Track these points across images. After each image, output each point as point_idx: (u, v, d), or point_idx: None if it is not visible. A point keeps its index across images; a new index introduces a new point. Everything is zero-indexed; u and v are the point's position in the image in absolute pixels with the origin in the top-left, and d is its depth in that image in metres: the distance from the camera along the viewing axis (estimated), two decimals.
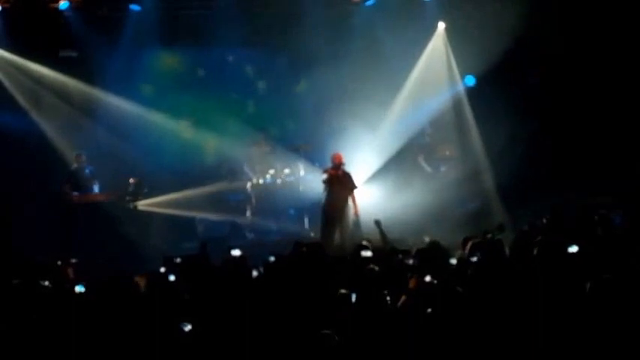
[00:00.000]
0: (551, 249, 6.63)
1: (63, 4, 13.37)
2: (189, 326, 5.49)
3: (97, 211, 12.81)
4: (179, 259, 8.02)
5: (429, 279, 6.05)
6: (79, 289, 6.66)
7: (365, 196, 13.00)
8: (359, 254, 7.59)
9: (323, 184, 12.00)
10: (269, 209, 14.05)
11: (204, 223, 13.63)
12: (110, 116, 13.97)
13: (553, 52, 13.47)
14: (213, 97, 14.66)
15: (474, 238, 7.93)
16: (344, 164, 12.03)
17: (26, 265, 7.95)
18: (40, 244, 11.07)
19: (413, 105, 14.48)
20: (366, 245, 8.16)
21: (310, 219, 13.61)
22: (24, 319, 5.76)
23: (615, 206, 9.94)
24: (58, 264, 8.32)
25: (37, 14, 13.35)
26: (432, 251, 7.58)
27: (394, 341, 5.27)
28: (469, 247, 7.58)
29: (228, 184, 14.07)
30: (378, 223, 9.96)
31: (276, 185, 14.27)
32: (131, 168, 13.58)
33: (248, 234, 13.78)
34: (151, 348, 5.32)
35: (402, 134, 14.28)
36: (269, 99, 15.34)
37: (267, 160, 14.40)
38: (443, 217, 12.57)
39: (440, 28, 14.44)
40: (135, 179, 13.39)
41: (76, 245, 11.89)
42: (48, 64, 13.71)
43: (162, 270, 7.60)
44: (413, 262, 7.44)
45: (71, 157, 13.36)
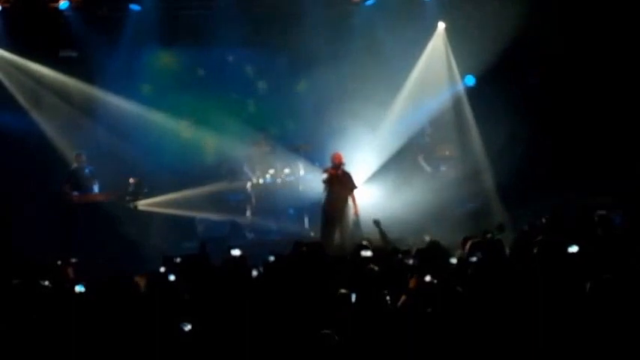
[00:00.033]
0: (551, 249, 6.63)
1: (63, 4, 13.37)
2: (189, 326, 5.49)
3: (97, 211, 12.81)
4: (179, 258, 8.00)
5: (429, 279, 6.04)
6: (79, 289, 6.65)
7: (365, 196, 12.99)
8: (359, 254, 7.58)
9: (323, 183, 12.00)
10: (269, 209, 14.05)
11: (204, 222, 13.63)
12: (110, 116, 13.97)
13: (553, 52, 13.47)
14: (213, 96, 14.67)
15: (473, 237, 7.94)
16: (344, 164, 12.03)
17: (26, 265, 7.94)
18: (40, 244, 11.06)
19: (413, 105, 14.48)
20: (366, 245, 8.14)
21: (310, 219, 13.61)
22: (24, 319, 5.76)
23: (615, 206, 9.93)
24: (58, 264, 8.31)
25: (37, 14, 13.36)
26: (432, 251, 7.57)
27: (394, 341, 5.27)
28: (468, 246, 7.58)
29: (228, 183, 14.07)
30: (377, 222, 9.97)
31: (276, 185, 14.26)
32: (131, 168, 13.58)
33: (248, 234, 13.77)
34: (151, 348, 5.32)
35: (402, 134, 14.29)
36: (269, 99, 15.33)
37: (267, 160, 14.39)
38: (443, 216, 12.56)
39: (440, 28, 14.44)
40: (135, 179, 13.39)
41: (76, 245, 11.89)
42: (48, 63, 13.70)
43: (162, 270, 7.59)
44: (413, 261, 7.44)
45: (71, 157, 13.35)
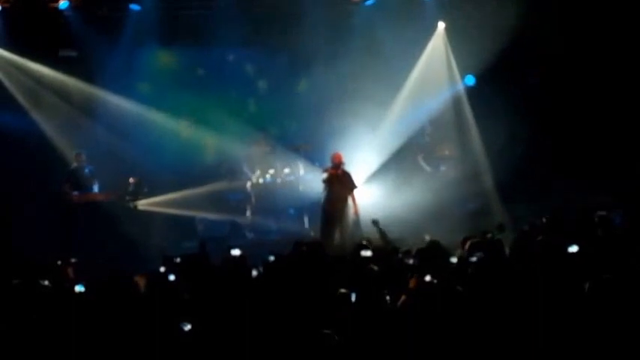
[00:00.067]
0: (551, 249, 6.64)
1: (63, 3, 13.36)
2: (189, 326, 5.49)
3: (97, 211, 12.79)
4: (179, 258, 8.01)
5: (429, 279, 6.04)
6: (79, 288, 6.66)
7: (365, 196, 13.00)
8: (359, 254, 7.59)
9: (323, 183, 12.00)
10: (269, 209, 14.05)
11: (204, 222, 13.63)
12: (110, 115, 13.95)
13: (552, 52, 13.47)
14: (213, 96, 14.64)
15: (473, 237, 7.94)
16: (344, 164, 12.03)
17: (26, 265, 7.93)
18: (40, 244, 11.05)
19: (413, 104, 14.48)
20: (366, 245, 8.15)
21: (310, 218, 13.61)
22: (24, 319, 5.76)
23: (615, 206, 9.93)
24: (58, 264, 8.31)
25: (36, 14, 13.34)
26: (432, 251, 7.58)
27: (394, 341, 5.27)
28: (468, 246, 7.58)
29: (228, 183, 14.06)
30: (375, 222, 9.97)
31: (276, 185, 14.26)
32: (131, 167, 13.57)
33: (248, 233, 13.77)
34: (151, 348, 5.32)
35: (402, 134, 14.29)
36: (269, 98, 15.32)
37: (267, 160, 14.39)
38: (443, 216, 12.55)
39: (440, 27, 14.45)
40: (135, 179, 13.39)
41: (76, 245, 11.87)
42: (48, 63, 13.69)
43: (162, 269, 7.60)
44: (413, 261, 7.44)
45: (71, 157, 13.33)
